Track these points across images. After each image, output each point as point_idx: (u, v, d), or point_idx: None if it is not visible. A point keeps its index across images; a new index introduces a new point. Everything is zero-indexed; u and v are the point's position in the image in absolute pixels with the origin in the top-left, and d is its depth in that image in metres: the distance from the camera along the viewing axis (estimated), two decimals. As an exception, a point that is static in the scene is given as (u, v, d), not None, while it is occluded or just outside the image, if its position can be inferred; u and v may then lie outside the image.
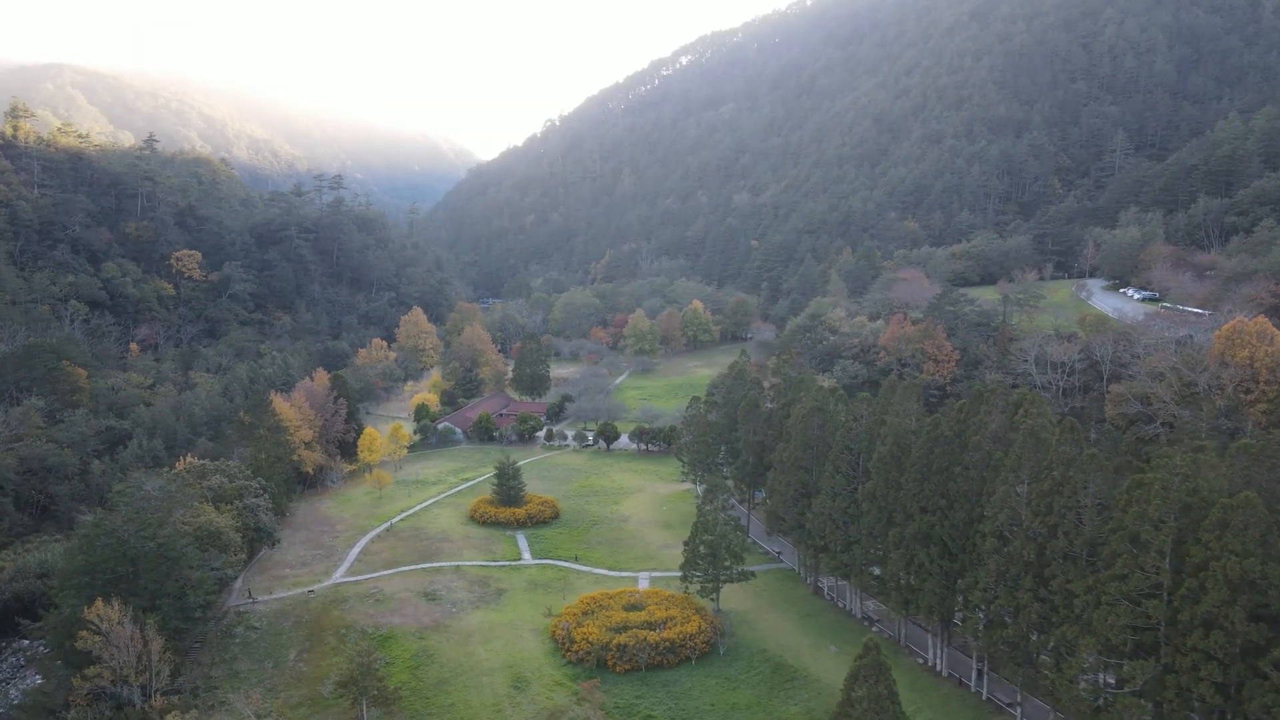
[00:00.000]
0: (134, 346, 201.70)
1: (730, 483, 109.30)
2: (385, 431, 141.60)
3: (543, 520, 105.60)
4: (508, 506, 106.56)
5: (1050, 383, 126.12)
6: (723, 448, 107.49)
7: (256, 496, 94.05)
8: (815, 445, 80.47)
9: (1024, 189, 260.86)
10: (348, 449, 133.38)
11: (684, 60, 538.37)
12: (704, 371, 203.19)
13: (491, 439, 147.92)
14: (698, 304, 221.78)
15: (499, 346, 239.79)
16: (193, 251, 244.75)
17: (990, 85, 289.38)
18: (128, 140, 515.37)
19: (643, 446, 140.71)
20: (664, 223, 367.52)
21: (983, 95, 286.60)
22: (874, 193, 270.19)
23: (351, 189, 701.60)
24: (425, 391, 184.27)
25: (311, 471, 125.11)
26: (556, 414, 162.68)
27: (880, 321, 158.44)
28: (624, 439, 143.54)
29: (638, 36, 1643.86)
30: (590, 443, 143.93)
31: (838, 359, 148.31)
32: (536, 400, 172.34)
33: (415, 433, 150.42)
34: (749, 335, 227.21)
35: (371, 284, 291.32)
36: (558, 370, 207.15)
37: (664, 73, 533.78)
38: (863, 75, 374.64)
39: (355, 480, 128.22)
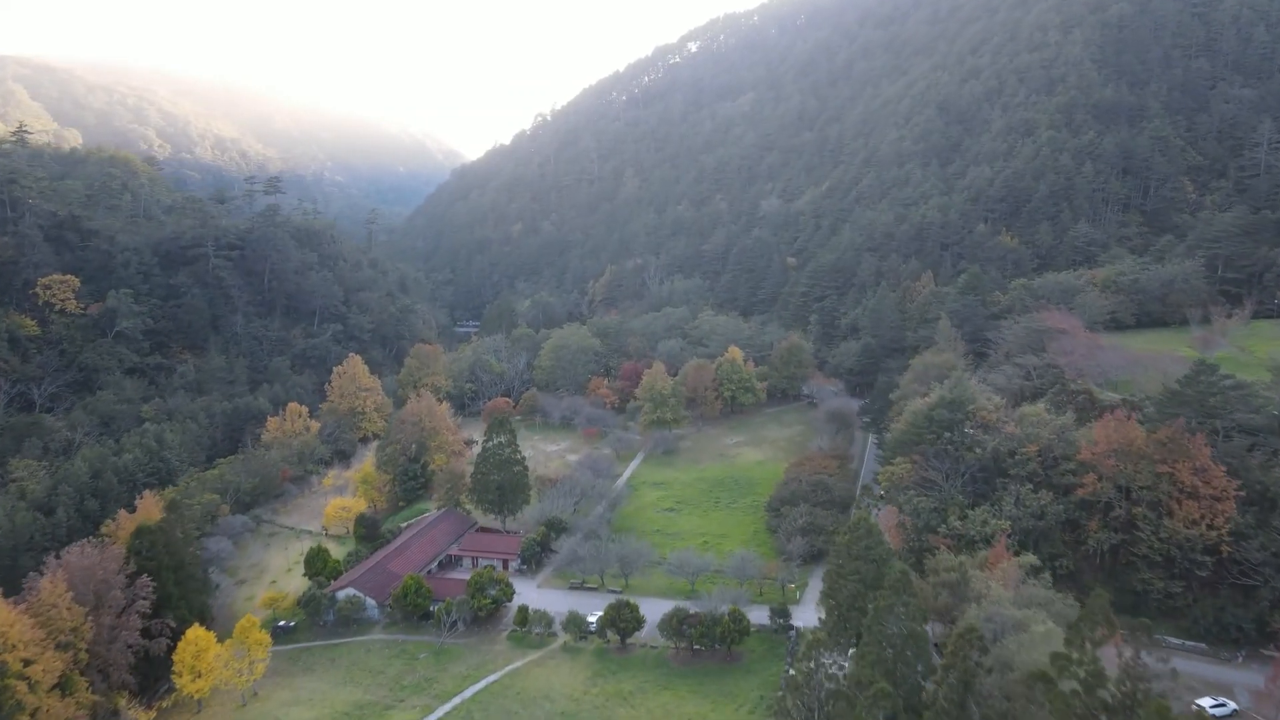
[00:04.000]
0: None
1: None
2: (289, 557, 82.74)
3: None
4: None
5: None
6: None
7: None
8: None
9: (1146, 193, 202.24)
10: (156, 669, 73.96)
11: (693, 46, 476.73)
12: (749, 453, 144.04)
13: (426, 618, 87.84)
14: (735, 352, 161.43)
15: (467, 402, 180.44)
16: (68, 276, 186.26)
17: (1088, 63, 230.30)
18: (74, 139, 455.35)
19: (682, 645, 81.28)
20: (675, 233, 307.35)
21: (1080, 76, 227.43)
22: (951, 198, 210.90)
23: (327, 192, 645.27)
24: (351, 495, 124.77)
25: (55, 747, 65.80)
26: (538, 555, 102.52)
27: (1049, 409, 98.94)
28: (650, 623, 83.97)
29: (640, 25, 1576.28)
30: (593, 630, 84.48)
31: (1003, 479, 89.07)
32: (507, 525, 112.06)
33: (302, 602, 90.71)
34: (804, 393, 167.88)
35: (313, 313, 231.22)
36: (543, 447, 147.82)
37: (671, 60, 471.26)
38: (913, 57, 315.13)
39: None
